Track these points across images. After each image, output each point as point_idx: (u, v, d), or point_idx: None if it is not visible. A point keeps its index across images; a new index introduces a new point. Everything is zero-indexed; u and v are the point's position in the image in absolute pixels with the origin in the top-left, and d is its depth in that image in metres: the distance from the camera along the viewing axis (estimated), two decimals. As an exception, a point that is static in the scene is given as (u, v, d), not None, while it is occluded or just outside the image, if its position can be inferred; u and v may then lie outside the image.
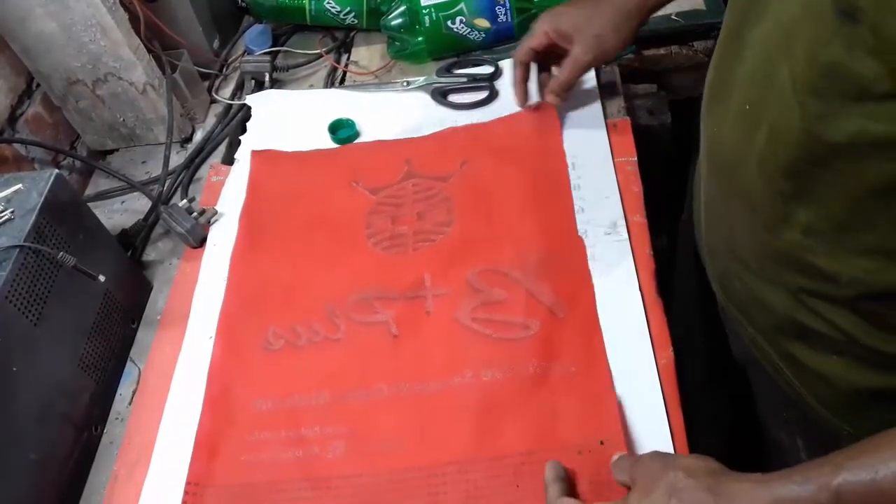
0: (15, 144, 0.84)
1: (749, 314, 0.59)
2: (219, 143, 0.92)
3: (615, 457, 0.53)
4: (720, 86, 0.53)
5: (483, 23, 0.91)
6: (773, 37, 0.44)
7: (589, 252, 0.69)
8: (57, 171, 0.66)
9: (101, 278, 0.66)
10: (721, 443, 0.82)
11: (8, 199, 0.63)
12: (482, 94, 0.87)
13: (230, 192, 0.83)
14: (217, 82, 1.01)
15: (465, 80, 0.90)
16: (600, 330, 0.63)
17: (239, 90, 0.99)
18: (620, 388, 0.59)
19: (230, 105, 0.96)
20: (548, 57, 0.77)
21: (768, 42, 0.45)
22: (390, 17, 0.92)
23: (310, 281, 0.73)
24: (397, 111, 0.89)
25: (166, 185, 0.86)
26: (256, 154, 0.86)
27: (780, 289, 0.52)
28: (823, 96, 0.41)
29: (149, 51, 0.87)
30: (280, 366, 0.67)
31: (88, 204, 0.77)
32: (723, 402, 0.85)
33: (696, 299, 0.75)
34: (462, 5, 0.89)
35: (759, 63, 0.46)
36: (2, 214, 0.61)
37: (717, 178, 0.56)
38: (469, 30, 0.91)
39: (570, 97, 0.81)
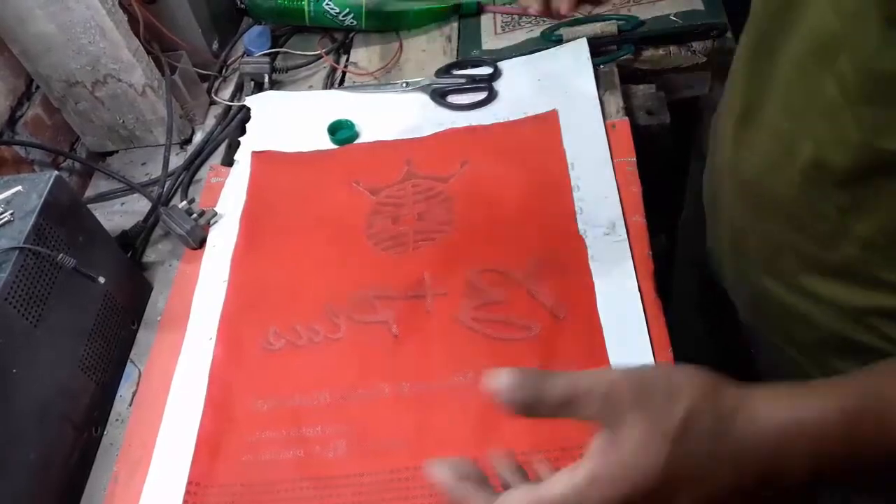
0: (14, 146, 0.84)
1: (789, 334, 0.57)
2: (218, 145, 0.92)
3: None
4: (748, 109, 0.52)
5: None
6: (810, 51, 0.43)
7: (588, 252, 0.69)
8: (56, 172, 0.66)
9: (101, 280, 0.67)
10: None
11: (7, 201, 0.63)
12: (481, 95, 0.87)
13: (230, 193, 0.84)
14: (216, 84, 1.01)
15: (463, 80, 0.90)
16: (601, 330, 0.63)
17: (238, 91, 0.99)
18: (620, 388, 0.59)
19: (229, 106, 0.96)
20: None
21: (804, 58, 0.44)
22: None
23: (310, 281, 0.73)
24: (396, 112, 0.89)
25: (166, 186, 0.86)
26: (257, 155, 0.86)
27: (830, 306, 0.51)
28: (880, 105, 0.40)
29: (148, 52, 0.87)
30: (281, 366, 0.67)
31: (88, 205, 0.77)
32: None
33: (697, 299, 0.75)
34: None
35: (794, 80, 0.45)
36: (1, 216, 0.61)
37: (750, 202, 0.55)
38: None
39: (570, 97, 0.81)
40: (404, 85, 0.91)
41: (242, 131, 0.91)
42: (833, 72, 0.41)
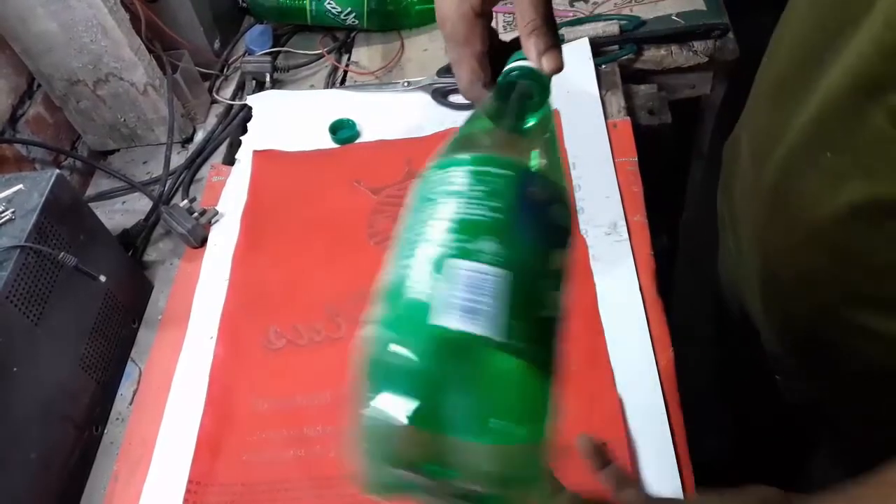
0: (16, 145, 0.84)
1: (829, 367, 0.55)
2: (219, 144, 0.92)
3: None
4: (778, 138, 0.50)
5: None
6: (852, 88, 0.41)
7: (589, 252, 0.69)
8: (58, 171, 0.66)
9: (102, 278, 0.67)
10: (723, 443, 0.83)
11: (9, 200, 0.63)
12: (483, 95, 0.87)
13: (231, 192, 0.83)
14: (218, 83, 1.01)
15: (465, 80, 0.90)
16: (602, 330, 0.63)
17: (240, 90, 0.99)
18: (621, 388, 0.59)
19: (231, 105, 0.96)
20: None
21: (846, 92, 0.42)
22: None
23: (311, 280, 0.73)
24: (398, 111, 0.89)
25: (167, 185, 0.86)
26: (258, 154, 0.86)
27: (880, 340, 0.49)
28: None
29: (150, 51, 0.87)
30: (282, 365, 0.67)
31: (89, 204, 0.77)
32: (725, 402, 0.85)
33: (700, 302, 0.75)
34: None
35: (836, 112, 0.43)
36: (3, 215, 0.61)
37: (786, 233, 0.52)
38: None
39: (571, 97, 0.81)
40: (406, 84, 0.91)
41: (244, 130, 0.91)
42: (882, 105, 0.40)
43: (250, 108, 0.93)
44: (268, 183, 0.83)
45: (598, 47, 0.89)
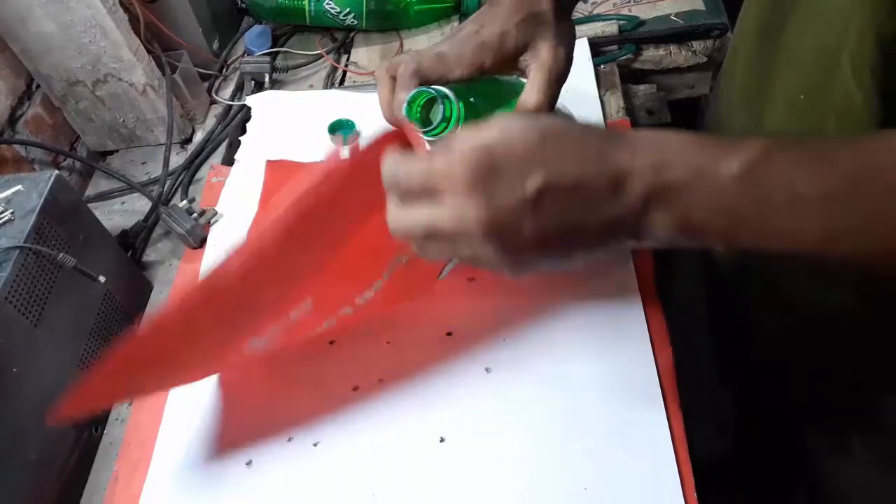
0: (15, 145, 0.84)
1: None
2: (219, 144, 0.92)
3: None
4: (756, 82, 0.52)
5: None
6: (822, 25, 0.43)
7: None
8: (57, 171, 0.66)
9: (102, 279, 0.66)
10: (724, 443, 0.82)
11: (8, 200, 0.63)
12: (482, 95, 0.87)
13: (230, 192, 0.83)
14: (217, 83, 1.01)
15: (464, 80, 0.90)
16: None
17: (239, 91, 0.99)
18: (619, 388, 0.59)
19: (230, 106, 0.96)
20: None
21: (816, 30, 0.44)
22: None
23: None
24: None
25: (166, 185, 0.86)
26: (271, 164, 0.85)
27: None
28: (884, 76, 0.40)
29: (149, 52, 0.87)
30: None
31: (88, 205, 0.77)
32: (725, 401, 0.85)
33: (698, 299, 0.75)
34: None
35: (807, 53, 0.45)
36: (2, 215, 0.61)
37: None
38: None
39: (570, 97, 0.80)
40: (405, 84, 0.91)
41: (243, 131, 0.91)
42: (844, 45, 0.41)
43: (249, 109, 0.93)
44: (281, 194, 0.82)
45: (597, 47, 0.89)
